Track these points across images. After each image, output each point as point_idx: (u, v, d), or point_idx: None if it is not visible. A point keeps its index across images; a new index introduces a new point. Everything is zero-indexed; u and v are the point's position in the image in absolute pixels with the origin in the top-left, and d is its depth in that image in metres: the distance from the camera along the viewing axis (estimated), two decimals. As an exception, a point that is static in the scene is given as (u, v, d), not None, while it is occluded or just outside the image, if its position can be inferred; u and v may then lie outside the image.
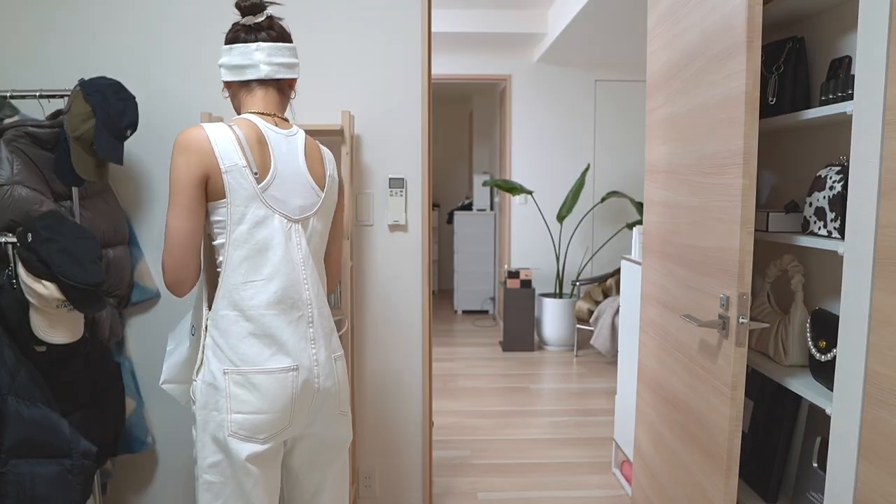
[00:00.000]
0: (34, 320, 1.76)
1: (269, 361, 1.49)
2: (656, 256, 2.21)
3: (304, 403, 1.54)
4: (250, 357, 1.48)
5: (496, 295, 6.77)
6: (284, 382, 1.49)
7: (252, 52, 1.56)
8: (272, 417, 1.49)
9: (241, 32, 1.58)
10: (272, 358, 1.49)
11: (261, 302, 1.48)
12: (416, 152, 2.41)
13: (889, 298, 1.25)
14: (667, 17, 2.08)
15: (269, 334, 1.49)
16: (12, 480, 1.66)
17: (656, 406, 2.19)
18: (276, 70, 1.59)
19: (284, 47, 1.61)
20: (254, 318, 1.48)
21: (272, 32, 1.59)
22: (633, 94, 5.82)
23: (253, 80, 1.58)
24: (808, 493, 1.79)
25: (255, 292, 1.48)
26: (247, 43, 1.57)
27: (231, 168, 1.45)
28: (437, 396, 4.16)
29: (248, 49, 1.56)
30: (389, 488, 2.52)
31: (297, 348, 1.52)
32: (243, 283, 1.48)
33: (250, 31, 1.57)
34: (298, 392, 1.51)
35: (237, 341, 1.48)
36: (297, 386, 1.51)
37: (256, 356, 1.48)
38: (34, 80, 2.29)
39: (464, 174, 8.43)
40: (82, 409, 2.01)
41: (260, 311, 1.48)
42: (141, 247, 2.36)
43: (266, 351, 1.49)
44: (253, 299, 1.48)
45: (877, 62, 1.28)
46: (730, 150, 1.63)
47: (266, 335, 1.49)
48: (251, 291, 1.48)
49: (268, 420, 1.49)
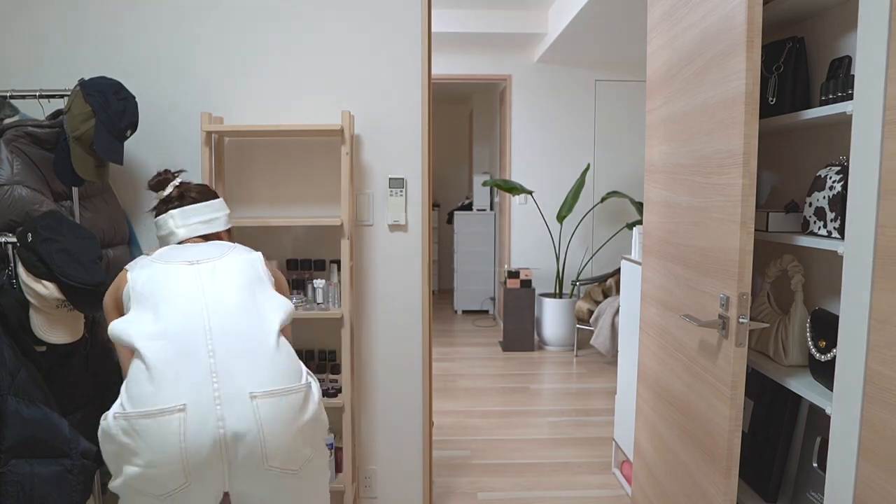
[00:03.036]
0: (34, 320, 1.76)
1: (150, 401, 1.35)
2: (656, 256, 2.21)
3: (201, 456, 1.33)
4: (135, 397, 1.36)
5: (496, 295, 6.77)
6: (169, 427, 1.32)
7: (167, 221, 1.76)
8: (161, 472, 1.32)
9: (160, 206, 1.80)
10: (154, 396, 1.35)
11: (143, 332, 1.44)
12: (416, 152, 2.41)
13: (889, 298, 1.25)
14: (667, 17, 2.08)
15: (152, 367, 1.38)
16: (12, 480, 1.66)
17: (656, 406, 2.19)
18: (193, 229, 1.75)
19: (199, 207, 1.77)
20: (139, 351, 1.42)
21: (183, 200, 1.78)
22: (633, 94, 5.82)
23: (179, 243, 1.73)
24: (808, 493, 1.79)
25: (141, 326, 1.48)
26: (162, 214, 1.78)
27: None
28: (437, 396, 4.16)
29: (164, 220, 1.77)
30: (389, 488, 2.52)
31: (192, 384, 1.36)
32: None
33: (163, 203, 1.79)
34: (189, 440, 1.32)
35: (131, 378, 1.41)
36: (185, 432, 1.32)
37: (139, 395, 1.35)
38: (34, 80, 2.29)
39: (464, 174, 8.43)
40: (82, 409, 2.01)
41: (143, 343, 1.42)
42: (141, 247, 2.36)
43: (150, 388, 1.36)
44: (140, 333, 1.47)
45: (877, 62, 1.28)
46: (730, 150, 1.63)
47: (151, 367, 1.38)
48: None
49: (158, 475, 1.32)
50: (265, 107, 2.37)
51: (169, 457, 1.32)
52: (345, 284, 2.21)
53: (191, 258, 1.59)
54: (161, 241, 1.79)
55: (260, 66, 2.35)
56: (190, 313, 1.46)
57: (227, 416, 1.35)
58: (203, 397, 1.35)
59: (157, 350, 1.40)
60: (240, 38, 2.34)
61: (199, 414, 1.34)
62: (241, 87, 2.35)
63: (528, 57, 5.78)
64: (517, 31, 5.13)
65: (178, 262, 1.58)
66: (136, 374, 1.40)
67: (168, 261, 1.59)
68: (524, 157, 5.84)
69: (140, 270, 1.58)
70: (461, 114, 8.43)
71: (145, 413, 1.33)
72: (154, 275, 1.55)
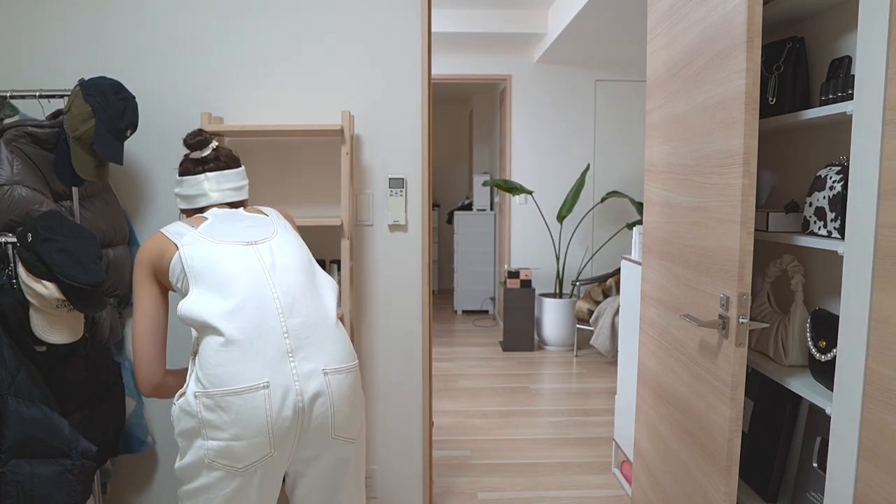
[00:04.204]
0: (34, 320, 1.76)
1: (236, 379, 1.43)
2: (656, 256, 2.21)
3: (284, 427, 1.44)
4: (217, 377, 1.43)
5: (496, 295, 6.77)
6: (255, 402, 1.42)
7: (201, 182, 1.72)
8: (248, 444, 1.42)
9: (189, 165, 1.74)
10: (239, 375, 1.43)
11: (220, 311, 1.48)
12: (416, 152, 2.41)
13: (889, 298, 1.25)
14: (667, 16, 2.08)
15: (233, 345, 1.45)
16: (12, 480, 1.66)
17: (656, 406, 2.19)
18: (225, 195, 1.74)
19: (232, 173, 1.75)
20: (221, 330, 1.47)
21: (219, 163, 1.75)
22: (633, 94, 5.82)
23: (205, 206, 1.72)
24: (808, 493, 1.79)
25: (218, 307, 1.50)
26: (195, 175, 1.73)
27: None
28: (437, 396, 4.16)
29: (196, 180, 1.72)
30: (389, 488, 2.52)
31: (271, 362, 1.45)
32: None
33: (198, 164, 1.74)
34: (275, 413, 1.43)
35: (209, 359, 1.46)
36: (271, 406, 1.43)
37: (223, 375, 1.43)
38: (34, 80, 2.29)
39: (464, 174, 8.43)
40: (82, 409, 2.01)
41: (220, 322, 1.47)
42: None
43: (233, 368, 1.43)
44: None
45: (877, 62, 1.28)
46: (730, 150, 1.63)
47: (232, 346, 1.45)
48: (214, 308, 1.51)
49: (244, 447, 1.42)
50: (265, 107, 2.37)
51: (257, 429, 1.41)
52: (345, 284, 2.21)
53: (248, 238, 1.60)
54: (184, 199, 1.73)
55: (260, 66, 2.35)
56: (261, 294, 1.51)
57: (306, 391, 1.46)
58: (283, 374, 1.45)
59: (236, 330, 1.46)
60: (240, 39, 2.34)
61: (282, 388, 1.44)
62: (241, 87, 2.35)
63: (528, 57, 5.78)
64: (517, 31, 5.13)
65: (234, 242, 1.58)
66: (214, 353, 1.45)
67: (221, 239, 1.58)
68: (524, 157, 5.84)
69: (192, 246, 1.55)
70: (461, 114, 8.43)
71: (231, 391, 1.41)
72: (210, 254, 1.54)
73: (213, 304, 1.48)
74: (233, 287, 1.50)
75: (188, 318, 1.50)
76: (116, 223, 2.21)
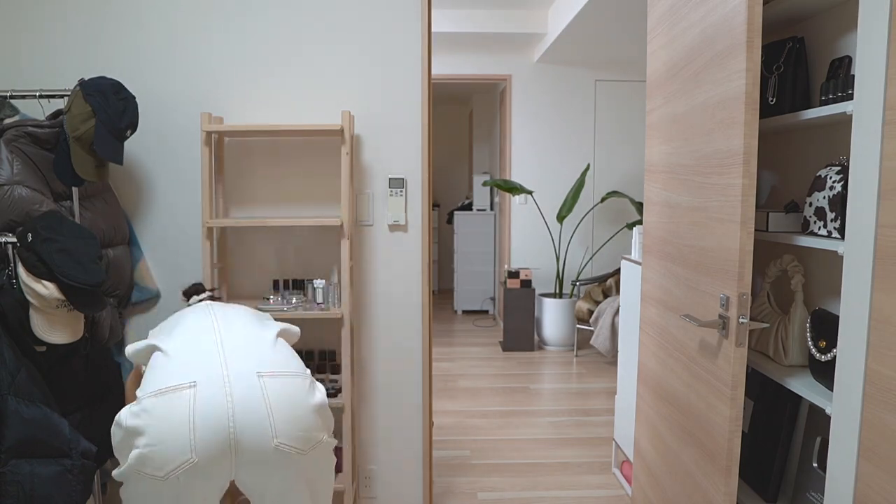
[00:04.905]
0: (34, 320, 1.76)
1: (163, 381, 1.39)
2: (656, 256, 2.21)
3: (209, 431, 1.33)
4: (148, 382, 1.41)
5: (496, 295, 6.77)
6: (179, 401, 1.34)
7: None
8: (165, 449, 1.32)
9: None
10: (167, 377, 1.40)
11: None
12: (416, 152, 2.41)
13: (889, 298, 1.25)
14: (667, 16, 2.08)
15: (167, 354, 1.48)
16: (12, 480, 1.66)
17: (656, 406, 2.19)
18: None
19: None
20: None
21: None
22: (633, 94, 5.82)
23: None
24: (808, 493, 1.79)
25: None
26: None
27: None
28: (437, 396, 4.16)
29: None
30: (389, 488, 2.52)
31: (201, 363, 1.41)
32: None
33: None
34: (199, 414, 1.33)
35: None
36: (194, 407, 1.34)
37: (152, 379, 1.41)
38: (34, 80, 2.29)
39: (464, 174, 8.43)
40: (82, 409, 2.01)
41: (160, 341, 1.54)
42: (141, 247, 2.36)
43: (163, 372, 1.42)
44: None
45: (877, 62, 1.28)
46: (730, 150, 1.63)
47: (166, 355, 1.48)
48: None
49: (162, 452, 1.32)
50: (265, 107, 2.37)
51: (175, 432, 1.32)
52: (345, 284, 2.21)
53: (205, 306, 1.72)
54: None
55: (260, 66, 2.35)
56: (202, 327, 1.56)
57: (236, 392, 1.37)
58: (213, 375, 1.38)
59: (173, 347, 1.49)
60: (240, 39, 2.34)
61: (209, 389, 1.36)
62: (241, 87, 2.35)
63: (528, 57, 5.78)
64: (517, 31, 5.13)
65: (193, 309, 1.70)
66: (151, 366, 1.48)
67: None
68: (524, 157, 5.84)
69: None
70: (461, 114, 8.43)
71: (157, 392, 1.37)
72: (171, 322, 1.67)
73: (158, 335, 1.58)
74: (181, 328, 1.57)
75: (133, 353, 1.58)
76: (116, 223, 2.21)
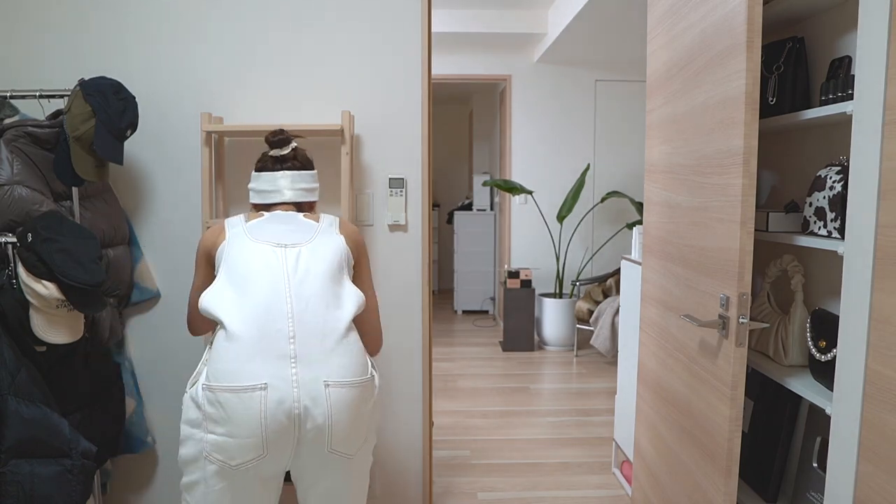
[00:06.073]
0: (34, 320, 1.76)
1: (234, 377, 1.44)
2: (656, 256, 2.21)
3: (278, 431, 1.45)
4: (219, 372, 1.46)
5: (496, 295, 6.77)
6: (251, 402, 1.43)
7: (277, 179, 1.78)
8: (240, 443, 1.44)
9: (268, 162, 1.80)
10: (238, 373, 1.45)
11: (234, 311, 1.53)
12: (416, 152, 2.41)
13: (889, 298, 1.25)
14: (667, 16, 2.08)
15: (237, 344, 1.48)
16: (12, 480, 1.66)
17: (656, 406, 2.19)
18: (297, 194, 1.79)
19: (307, 174, 1.81)
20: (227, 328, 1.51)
21: (296, 163, 1.81)
22: (633, 94, 5.82)
23: (276, 203, 1.78)
24: (808, 493, 1.79)
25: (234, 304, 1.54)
26: (273, 171, 1.79)
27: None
28: (437, 396, 4.16)
29: (273, 177, 1.78)
30: (389, 488, 2.52)
31: (272, 365, 1.46)
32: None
33: (276, 161, 1.80)
34: (269, 416, 1.43)
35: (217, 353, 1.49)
36: (266, 409, 1.43)
37: (223, 371, 1.45)
38: (34, 80, 2.29)
39: (464, 174, 8.43)
40: (82, 409, 2.01)
41: (230, 320, 1.50)
42: (141, 247, 2.36)
43: (233, 365, 1.45)
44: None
45: (877, 62, 1.28)
46: (730, 150, 1.63)
47: (236, 345, 1.48)
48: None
49: (237, 445, 1.44)
50: (265, 107, 2.37)
51: (250, 430, 1.42)
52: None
53: (281, 240, 1.62)
54: (257, 194, 1.79)
55: (260, 66, 2.35)
56: (275, 297, 1.52)
57: (303, 398, 1.45)
58: (283, 379, 1.44)
59: (244, 330, 1.48)
60: (240, 39, 2.34)
61: (279, 393, 1.43)
62: (241, 88, 2.35)
63: (528, 57, 5.78)
64: (517, 31, 5.13)
65: (267, 242, 1.61)
66: (221, 350, 1.48)
67: (257, 238, 1.62)
68: (524, 157, 5.84)
69: (235, 239, 1.63)
70: (461, 114, 8.43)
71: (229, 388, 1.43)
72: (242, 249, 1.60)
73: (227, 299, 1.53)
74: (249, 285, 1.53)
75: (204, 311, 1.55)
76: (116, 223, 2.21)
